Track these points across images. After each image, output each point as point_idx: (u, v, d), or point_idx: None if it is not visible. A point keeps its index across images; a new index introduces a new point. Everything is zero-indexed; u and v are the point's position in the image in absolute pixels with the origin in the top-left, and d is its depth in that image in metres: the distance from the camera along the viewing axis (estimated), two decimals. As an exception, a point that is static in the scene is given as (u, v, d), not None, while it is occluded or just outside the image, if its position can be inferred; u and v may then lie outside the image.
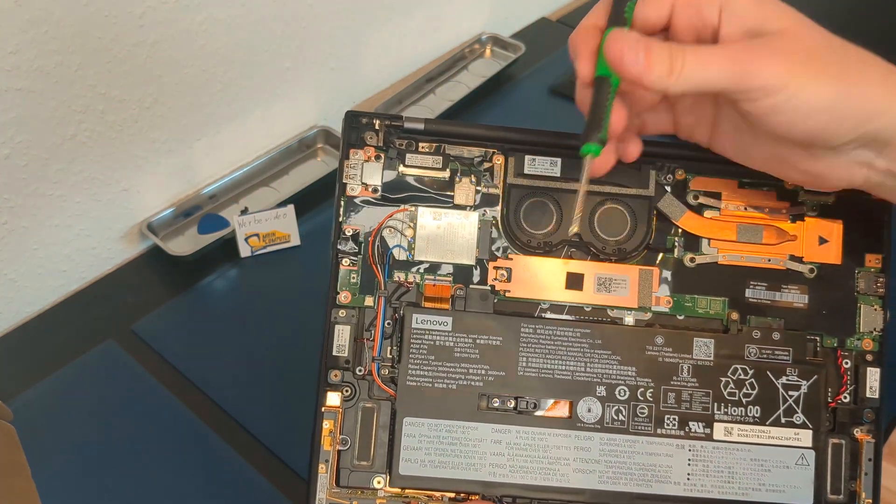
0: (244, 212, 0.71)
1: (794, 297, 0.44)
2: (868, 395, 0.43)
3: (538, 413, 0.42)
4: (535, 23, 0.99)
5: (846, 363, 0.43)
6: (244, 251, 0.68)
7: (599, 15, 0.38)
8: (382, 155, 0.43)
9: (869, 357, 0.43)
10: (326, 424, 0.41)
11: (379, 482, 0.41)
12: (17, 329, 0.64)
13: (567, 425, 0.42)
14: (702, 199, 0.44)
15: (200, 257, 0.68)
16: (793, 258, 0.44)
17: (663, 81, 0.34)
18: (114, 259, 0.69)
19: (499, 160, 0.44)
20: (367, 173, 0.43)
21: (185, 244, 0.70)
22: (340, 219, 0.42)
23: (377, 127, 0.43)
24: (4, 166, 0.58)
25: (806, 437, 0.42)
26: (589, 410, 0.42)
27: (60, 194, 0.62)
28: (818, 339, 0.43)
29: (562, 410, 0.42)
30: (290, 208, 0.69)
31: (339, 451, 0.41)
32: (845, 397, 0.43)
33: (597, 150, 0.36)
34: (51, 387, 0.59)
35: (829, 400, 0.43)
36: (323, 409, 0.41)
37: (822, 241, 0.44)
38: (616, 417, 0.42)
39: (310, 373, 0.59)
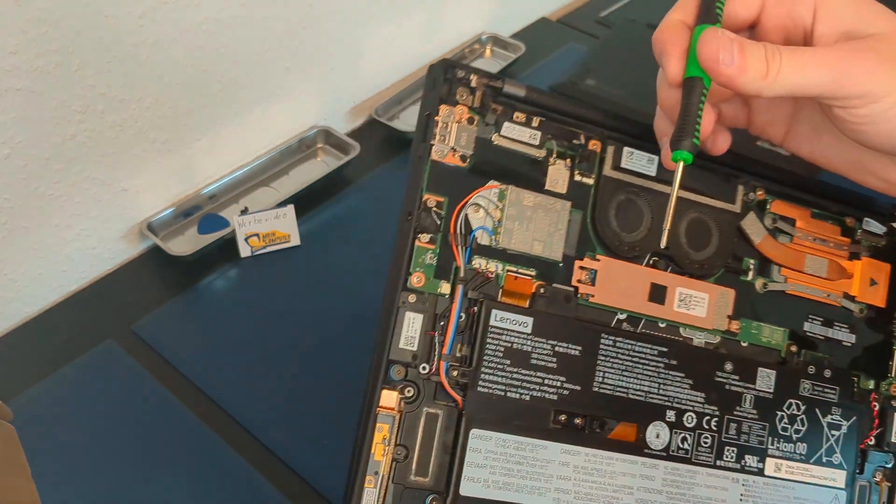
0: (244, 212, 0.71)
1: (843, 336, 0.44)
2: (893, 439, 0.44)
3: (606, 435, 0.39)
4: (535, 23, 0.99)
5: (876, 406, 0.44)
6: (244, 251, 0.68)
7: (687, 10, 0.35)
8: (476, 118, 0.37)
9: (895, 402, 0.44)
10: (380, 429, 0.35)
11: (435, 503, 0.36)
12: (17, 329, 0.64)
13: (634, 451, 0.39)
14: (778, 224, 0.44)
15: (200, 257, 0.68)
16: (846, 296, 0.44)
17: (756, 84, 0.32)
18: (114, 259, 0.69)
19: (595, 146, 0.40)
20: (457, 137, 0.37)
21: (185, 244, 0.70)
22: (423, 185, 0.36)
23: (474, 84, 0.37)
24: (4, 166, 0.58)
25: (840, 477, 0.42)
26: (657, 436, 0.40)
27: (60, 194, 0.62)
28: (857, 379, 0.44)
29: (630, 434, 0.40)
30: (290, 208, 0.69)
31: (394, 463, 0.35)
32: (871, 440, 0.44)
33: (689, 158, 0.34)
34: (51, 387, 0.59)
35: (860, 442, 0.43)
36: (378, 409, 0.35)
37: (873, 282, 0.45)
38: (681, 445, 0.41)
39: (310, 372, 0.59)
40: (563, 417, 0.38)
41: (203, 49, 0.66)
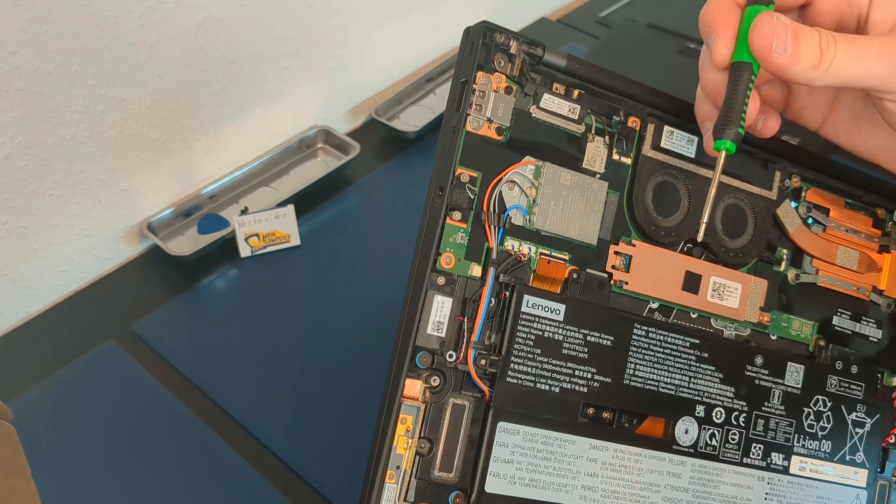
0: (244, 212, 0.71)
1: (870, 331, 0.43)
2: None
3: (634, 430, 0.38)
4: (535, 23, 0.99)
5: None
6: (244, 251, 0.68)
7: None
8: (514, 88, 0.35)
9: None
10: (403, 420, 0.33)
11: (458, 500, 0.33)
12: (17, 329, 0.64)
13: (663, 447, 0.38)
14: (812, 213, 0.42)
15: (200, 257, 0.68)
16: (875, 290, 0.44)
17: (808, 74, 0.30)
18: (114, 259, 0.69)
19: (635, 123, 0.38)
20: (494, 107, 0.34)
21: (185, 244, 0.70)
22: (457, 157, 0.33)
23: (513, 51, 0.35)
24: (4, 166, 0.58)
25: (862, 476, 0.42)
26: (686, 432, 0.39)
27: (60, 194, 0.62)
28: (881, 375, 0.43)
29: (658, 429, 0.38)
30: (290, 208, 0.69)
31: (417, 456, 0.33)
32: (893, 438, 0.43)
33: (732, 147, 0.33)
34: (51, 387, 0.59)
35: (881, 442, 0.43)
36: (402, 399, 0.33)
37: None
38: (709, 442, 0.39)
39: (310, 372, 0.59)
40: (591, 411, 0.36)
41: (203, 49, 0.66)
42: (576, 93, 0.36)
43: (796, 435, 0.41)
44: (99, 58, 0.59)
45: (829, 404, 0.41)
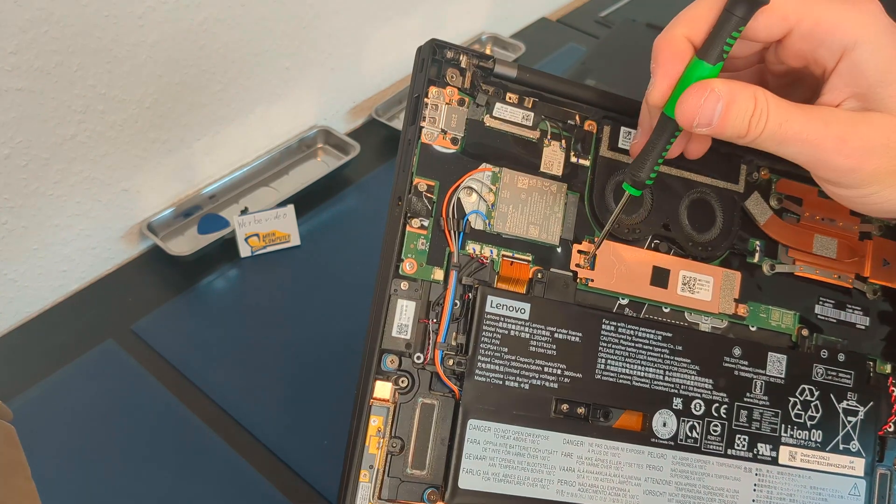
0: (244, 212, 0.71)
1: (857, 319, 0.43)
2: None
3: (611, 424, 0.38)
4: (535, 23, 0.99)
5: (895, 391, 0.42)
6: (244, 251, 0.68)
7: (695, 27, 0.31)
8: (467, 100, 0.36)
9: None
10: (374, 421, 0.34)
11: (432, 497, 0.35)
12: (17, 329, 0.64)
13: (641, 440, 0.38)
14: (785, 203, 0.42)
15: (200, 257, 0.68)
16: (858, 278, 0.43)
17: (733, 139, 0.30)
18: (114, 259, 0.69)
19: (591, 126, 0.39)
20: (447, 119, 0.36)
21: (185, 244, 0.70)
22: (413, 168, 0.35)
23: (464, 65, 0.36)
24: (4, 166, 0.58)
25: (859, 465, 0.41)
26: (664, 425, 0.39)
27: (60, 194, 0.62)
28: (873, 363, 0.42)
29: (635, 423, 0.38)
30: (290, 208, 0.69)
31: (389, 455, 0.34)
32: (891, 427, 0.42)
33: (637, 193, 0.34)
34: (51, 387, 0.59)
35: (878, 428, 0.42)
36: (371, 401, 0.34)
37: (886, 263, 0.43)
38: (690, 434, 0.39)
39: (310, 372, 0.59)
40: (564, 407, 0.37)
41: (203, 49, 0.66)
42: (529, 101, 0.38)
43: (783, 425, 0.40)
44: (99, 58, 0.59)
45: (816, 393, 0.41)
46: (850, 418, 0.41)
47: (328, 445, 0.55)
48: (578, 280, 0.38)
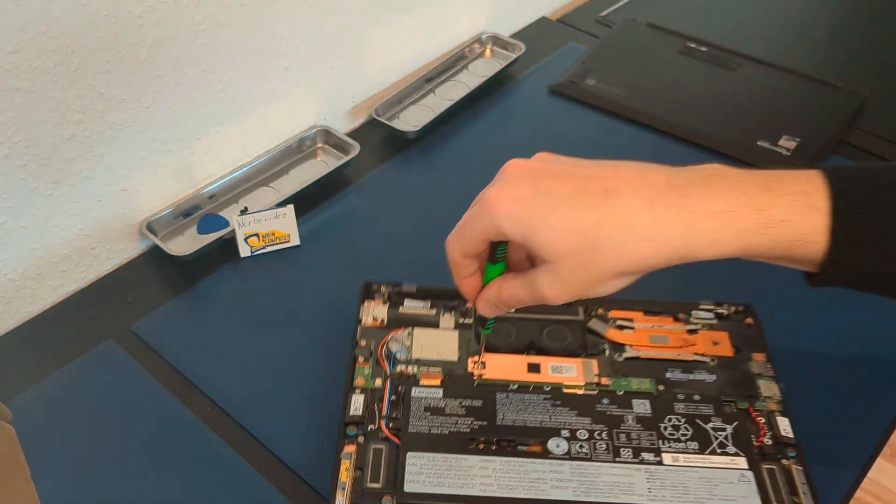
0: (244, 212, 0.71)
1: (705, 377, 0.55)
2: (783, 434, 0.51)
3: (516, 448, 0.51)
4: (535, 23, 0.99)
5: (760, 418, 0.52)
6: (244, 251, 0.68)
7: (467, 256, 0.45)
8: (388, 304, 0.60)
9: (777, 412, 0.53)
10: (344, 464, 0.50)
11: (388, 500, 0.48)
12: (17, 329, 0.64)
13: (541, 456, 0.50)
14: (620, 322, 0.58)
15: (200, 257, 0.68)
16: (697, 354, 0.56)
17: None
18: (114, 259, 0.69)
19: (471, 305, 0.52)
20: (376, 312, 0.59)
21: (184, 244, 0.70)
22: (357, 336, 0.57)
23: (383, 290, 0.60)
24: (4, 166, 0.58)
25: (741, 461, 0.50)
26: (558, 446, 0.51)
27: (60, 194, 0.62)
28: (734, 402, 0.53)
29: (535, 447, 0.51)
30: (290, 208, 0.69)
31: (354, 479, 0.49)
32: (767, 440, 0.51)
33: (487, 332, 0.52)
34: (51, 387, 0.59)
35: (754, 441, 0.51)
36: (342, 454, 0.50)
37: (715, 343, 0.57)
38: (580, 451, 0.51)
39: (310, 373, 0.59)
40: (479, 444, 0.51)
41: (203, 49, 0.66)
42: (429, 300, 0.60)
43: (660, 441, 0.51)
44: (98, 57, 0.59)
45: (682, 420, 0.52)
46: (719, 433, 0.51)
47: (328, 445, 0.55)
48: (475, 376, 0.55)
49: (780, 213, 0.39)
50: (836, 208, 0.39)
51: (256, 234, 0.68)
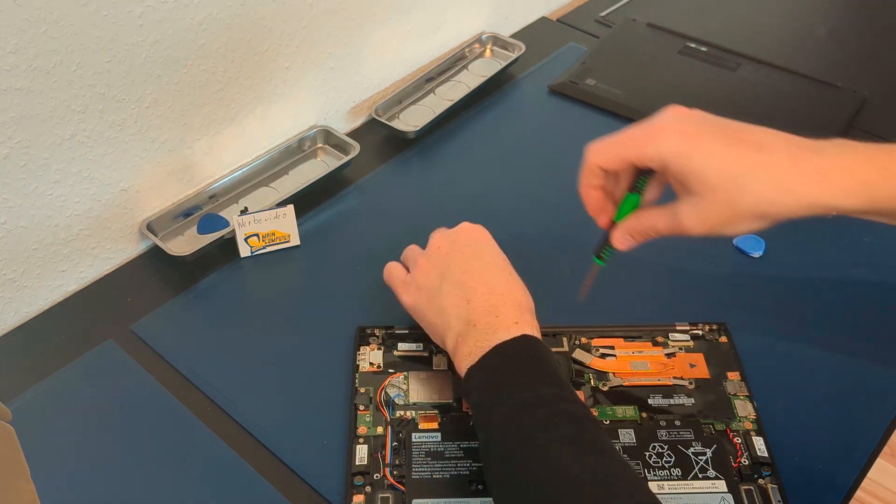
0: (244, 212, 0.71)
1: (684, 401, 0.57)
2: (759, 454, 0.53)
3: None
4: (535, 23, 0.99)
5: (737, 439, 0.54)
6: (244, 251, 0.68)
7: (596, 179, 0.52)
8: (382, 348, 0.61)
9: (752, 431, 0.55)
10: None
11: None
12: (17, 329, 0.64)
13: None
14: (602, 350, 0.61)
15: (200, 257, 0.68)
16: (675, 378, 0.59)
17: (629, 243, 0.53)
18: (114, 259, 0.69)
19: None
20: (372, 357, 0.60)
21: (184, 244, 0.70)
22: (356, 384, 0.58)
23: (377, 334, 0.61)
24: (4, 166, 0.58)
25: (721, 485, 0.52)
26: None
27: (60, 194, 0.62)
28: (712, 424, 0.56)
29: None
30: (290, 208, 0.69)
31: None
32: (744, 461, 0.53)
33: (603, 263, 0.55)
34: (51, 387, 0.59)
35: (733, 462, 0.53)
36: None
37: (692, 365, 0.59)
38: None
39: (310, 373, 0.59)
40: (479, 486, 0.52)
41: (203, 49, 0.66)
42: (422, 341, 0.61)
43: (645, 469, 0.53)
44: (98, 57, 0.59)
45: (665, 447, 0.54)
46: (700, 457, 0.53)
47: (328, 445, 0.55)
48: (471, 416, 0.54)
49: None
50: None
51: (256, 234, 0.68)
